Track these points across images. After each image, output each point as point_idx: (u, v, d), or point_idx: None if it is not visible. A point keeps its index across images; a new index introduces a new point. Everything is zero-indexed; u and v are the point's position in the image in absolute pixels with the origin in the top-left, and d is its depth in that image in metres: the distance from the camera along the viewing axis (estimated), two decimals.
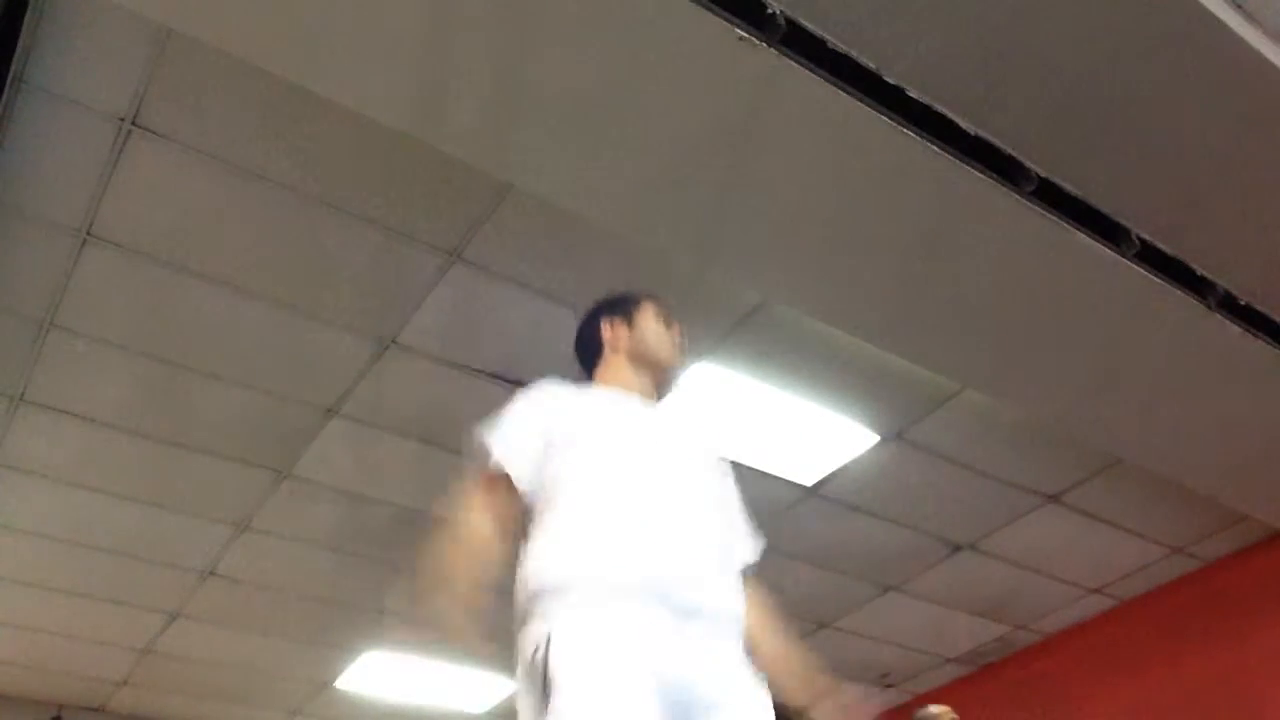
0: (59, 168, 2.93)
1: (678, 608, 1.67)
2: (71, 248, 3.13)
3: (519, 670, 1.65)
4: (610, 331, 2.08)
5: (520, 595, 1.73)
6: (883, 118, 2.60)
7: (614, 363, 2.06)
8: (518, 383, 2.19)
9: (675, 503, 1.81)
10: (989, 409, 3.85)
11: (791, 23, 2.42)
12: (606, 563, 1.69)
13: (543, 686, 1.58)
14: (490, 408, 2.01)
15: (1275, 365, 3.47)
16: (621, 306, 2.11)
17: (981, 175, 2.76)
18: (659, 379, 2.05)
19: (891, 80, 2.57)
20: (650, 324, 2.08)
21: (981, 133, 2.72)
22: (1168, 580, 5.03)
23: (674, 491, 1.83)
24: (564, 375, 2.08)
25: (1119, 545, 4.76)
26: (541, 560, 1.74)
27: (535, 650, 1.62)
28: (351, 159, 2.93)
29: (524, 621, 1.70)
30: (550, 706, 1.55)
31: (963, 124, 2.69)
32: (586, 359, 2.10)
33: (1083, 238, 2.95)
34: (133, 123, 2.80)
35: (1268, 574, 4.70)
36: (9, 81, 2.62)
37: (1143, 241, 3.04)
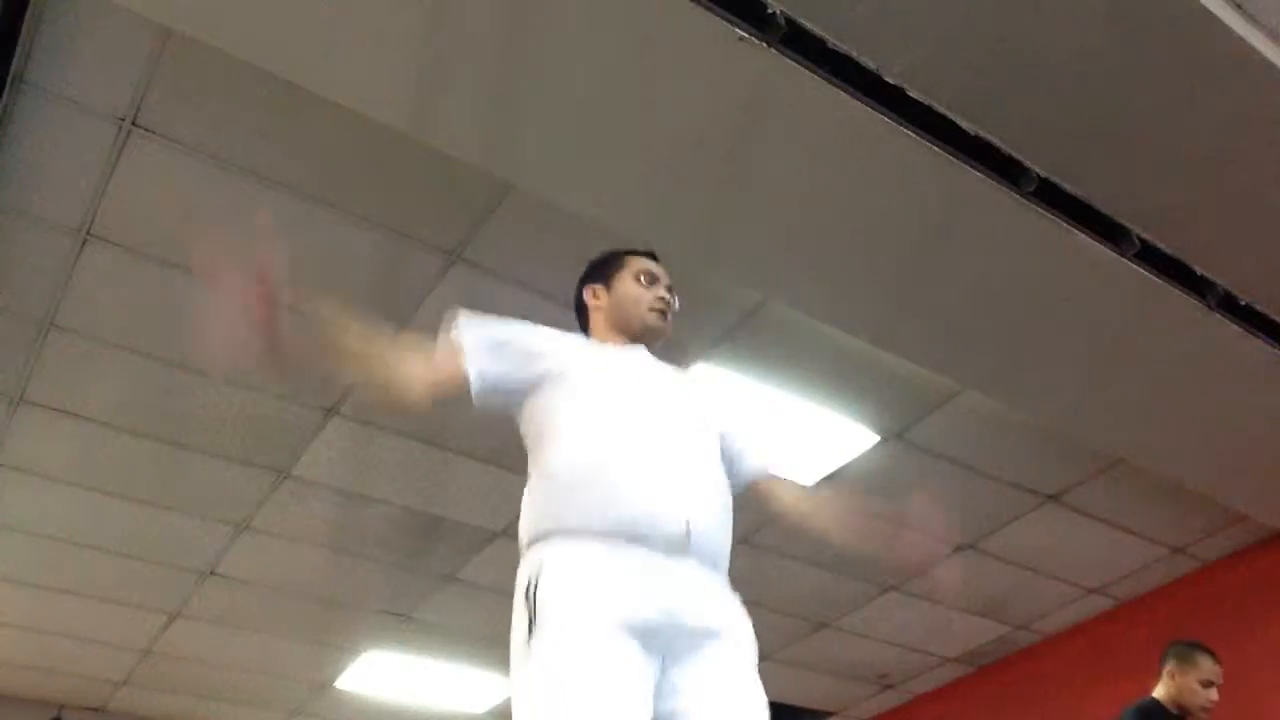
0: (59, 168, 2.93)
1: (668, 543, 1.71)
2: (71, 248, 3.13)
3: (516, 598, 1.72)
4: (591, 297, 2.09)
5: (522, 534, 1.80)
6: (883, 118, 2.60)
7: (598, 324, 2.07)
8: None
9: (664, 442, 1.84)
10: (989, 409, 3.85)
11: (791, 23, 2.42)
12: (598, 503, 1.73)
13: (530, 618, 1.65)
14: None
15: (1275, 365, 3.47)
16: (602, 269, 2.11)
17: (981, 175, 2.76)
18: (642, 339, 2.04)
19: (891, 80, 2.57)
20: (627, 287, 2.05)
21: (981, 133, 2.72)
22: (1168, 580, 5.03)
23: (662, 431, 1.86)
24: None
25: (1119, 545, 4.77)
26: (539, 502, 1.80)
27: (529, 583, 1.69)
28: (351, 159, 2.93)
29: (524, 553, 1.77)
30: (534, 639, 1.63)
31: (963, 124, 2.69)
32: (580, 323, 2.12)
33: (1083, 238, 2.96)
34: (133, 123, 2.80)
35: (1268, 574, 4.70)
36: (9, 81, 2.63)
37: (1143, 241, 3.04)
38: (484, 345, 1.89)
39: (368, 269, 3.29)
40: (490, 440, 3.86)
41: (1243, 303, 3.30)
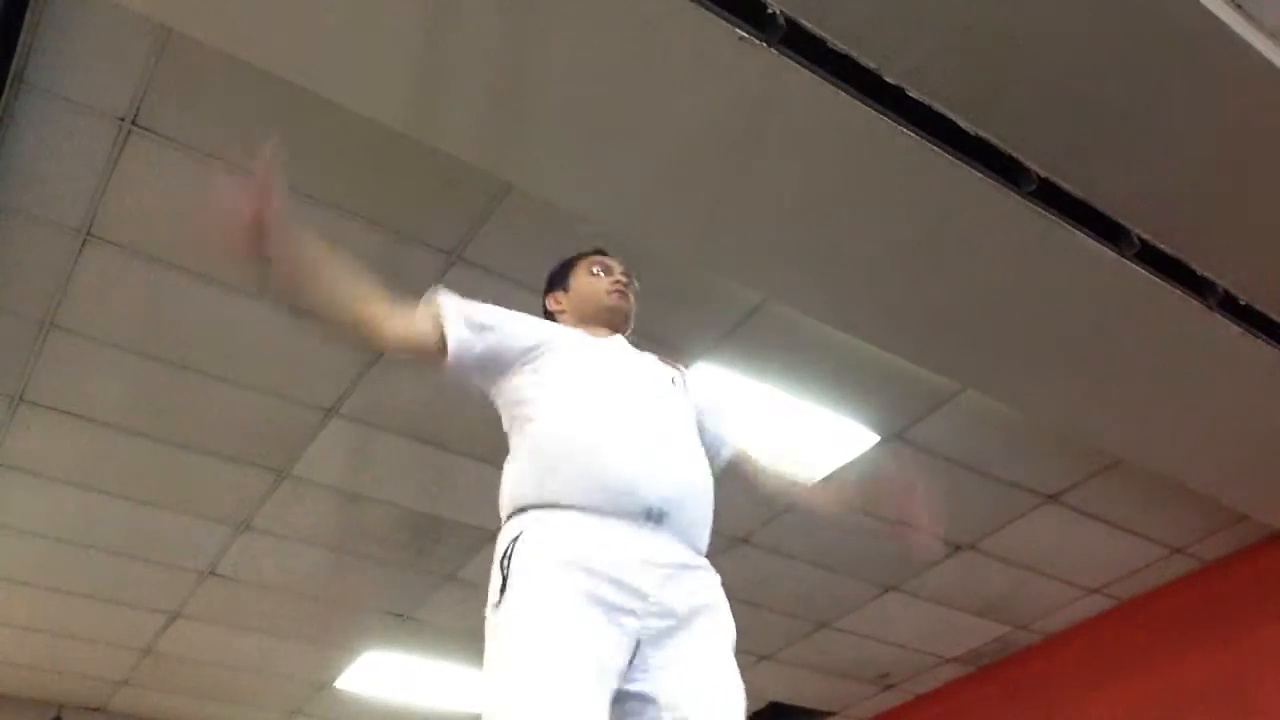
0: (59, 168, 2.93)
1: (646, 515, 1.72)
2: (71, 248, 3.13)
3: (493, 562, 1.73)
4: (554, 304, 2.13)
5: (502, 506, 1.82)
6: (883, 118, 2.60)
7: (569, 325, 2.09)
8: None
9: (643, 417, 1.85)
10: (989, 409, 3.85)
11: (791, 23, 2.42)
12: (577, 475, 1.74)
13: (503, 583, 1.67)
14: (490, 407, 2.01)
15: (1275, 365, 3.47)
16: (557, 277, 2.16)
17: (981, 175, 2.76)
18: (610, 324, 2.06)
19: (891, 80, 2.57)
20: (582, 282, 2.10)
21: (981, 133, 2.72)
22: (1168, 580, 5.03)
23: (642, 407, 1.88)
24: None
25: (1119, 545, 4.76)
26: (518, 475, 1.82)
27: (505, 548, 1.71)
28: (351, 159, 2.93)
29: (504, 522, 1.79)
30: (503, 601, 1.65)
31: (963, 124, 2.69)
32: None
33: (1083, 238, 2.95)
34: (133, 123, 2.80)
35: (1268, 574, 4.70)
36: (9, 81, 2.63)
37: (1143, 241, 3.04)
38: (466, 320, 1.92)
39: (368, 269, 3.28)
40: (490, 440, 3.82)
41: (1243, 303, 3.30)
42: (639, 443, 1.80)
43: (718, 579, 1.82)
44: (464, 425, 3.80)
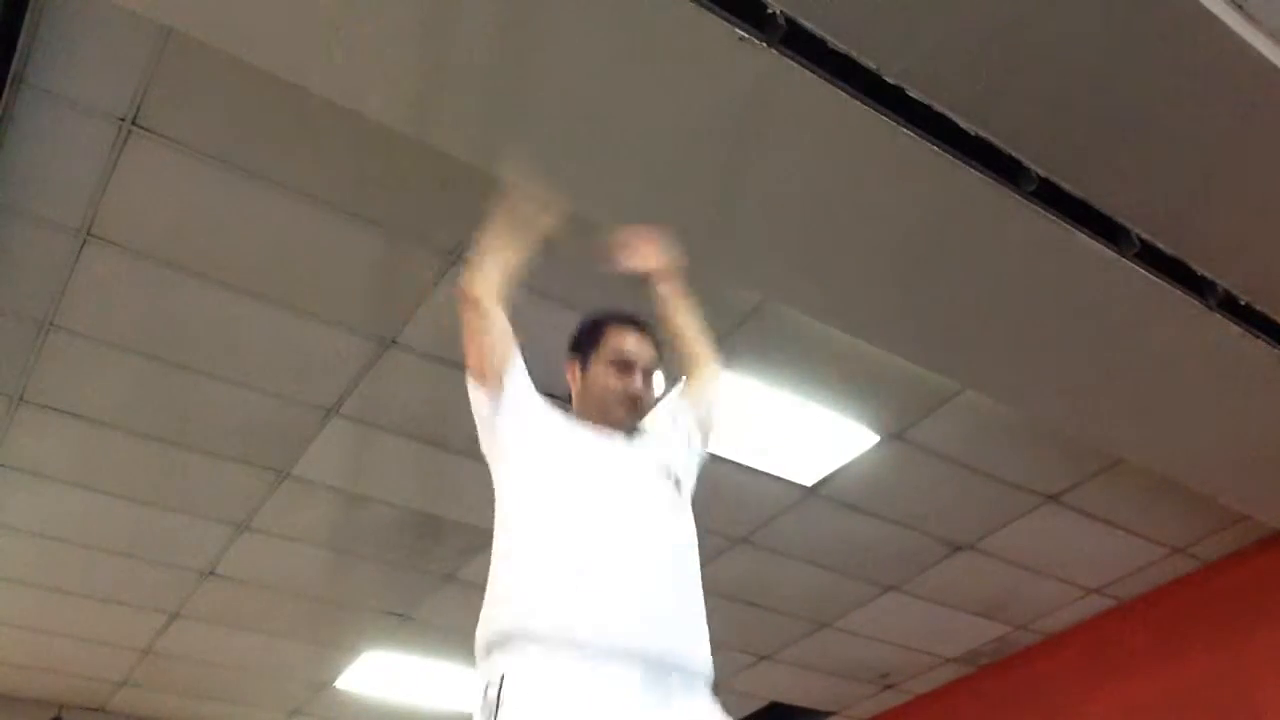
0: (59, 168, 2.93)
1: (647, 665, 1.63)
2: (71, 248, 3.13)
3: (475, 703, 1.64)
4: (569, 375, 2.05)
5: (482, 631, 1.70)
6: (883, 118, 2.60)
7: (576, 402, 2.03)
8: None
9: (642, 554, 1.75)
10: (989, 409, 3.85)
11: (791, 23, 2.42)
12: (571, 611, 1.64)
13: None
14: None
15: (1275, 365, 3.47)
16: (582, 345, 2.05)
17: (981, 175, 2.76)
18: (614, 426, 1.96)
19: (891, 80, 2.57)
20: (598, 374, 1.99)
21: (981, 133, 2.72)
22: (1168, 580, 5.03)
23: (640, 537, 1.77)
24: (562, 375, 2.09)
25: (1119, 545, 4.76)
26: (505, 602, 1.71)
27: (488, 687, 1.61)
28: (351, 159, 2.93)
29: (485, 655, 1.68)
30: None
31: (963, 124, 2.69)
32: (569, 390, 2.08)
33: (1083, 238, 2.95)
34: (133, 123, 2.80)
35: (1268, 574, 4.70)
36: (9, 81, 2.63)
37: (1143, 241, 3.04)
38: (524, 377, 1.90)
39: (368, 269, 3.29)
40: None
41: (1243, 303, 3.30)
42: (640, 583, 1.70)
43: (719, 710, 1.74)
44: (464, 425, 3.75)
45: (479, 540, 4.50)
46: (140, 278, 3.25)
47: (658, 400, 2.05)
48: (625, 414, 1.96)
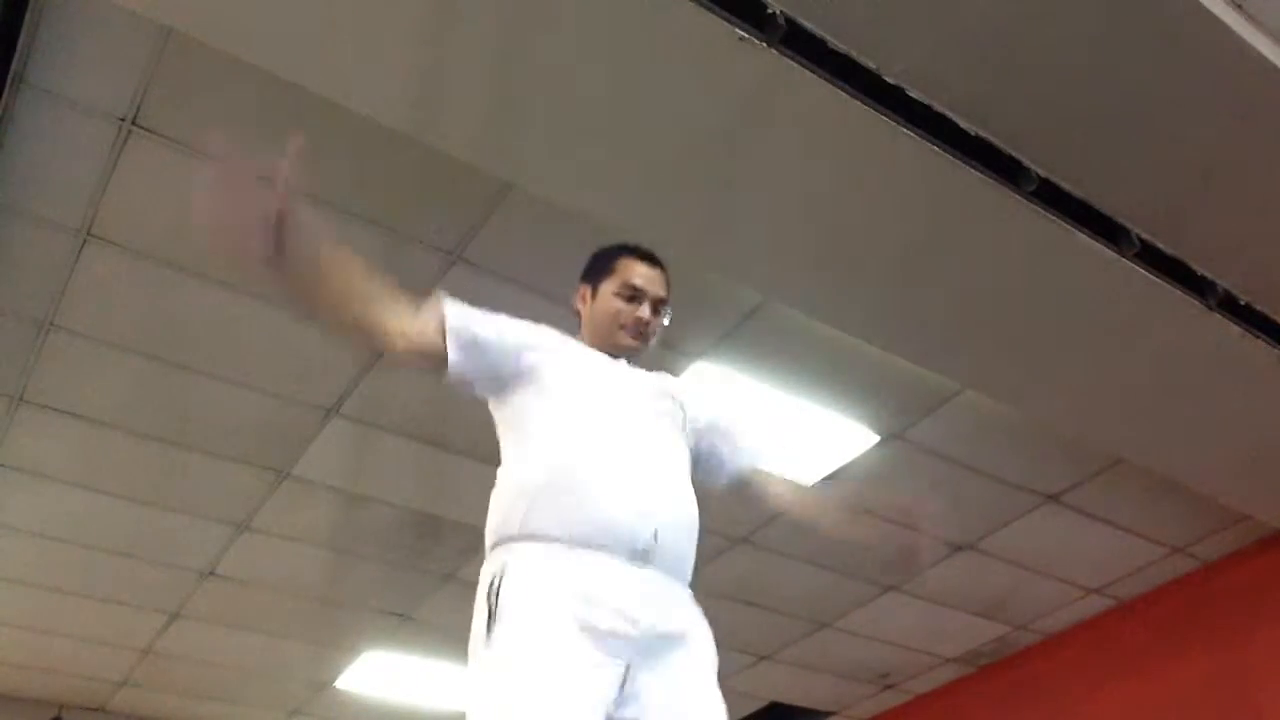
0: (59, 168, 2.93)
1: (632, 553, 1.74)
2: (71, 248, 3.13)
3: (478, 595, 1.75)
4: (579, 299, 2.08)
5: (488, 533, 1.83)
6: (883, 118, 2.60)
7: (584, 328, 2.06)
8: None
9: (634, 453, 1.85)
10: (989, 409, 3.85)
11: (791, 23, 2.42)
12: (565, 510, 1.75)
13: (490, 616, 1.68)
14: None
15: (1275, 365, 3.47)
16: (594, 270, 2.08)
17: (981, 175, 2.76)
18: (618, 352, 2.01)
19: (891, 80, 2.57)
20: (607, 300, 2.02)
21: (981, 133, 2.72)
22: (1168, 580, 5.03)
23: (633, 442, 1.87)
24: None
25: (1119, 545, 4.76)
26: (506, 504, 1.82)
27: (491, 580, 1.73)
28: (351, 159, 2.93)
29: (489, 553, 1.81)
30: (491, 634, 1.67)
31: (963, 124, 2.69)
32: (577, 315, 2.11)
33: (1083, 238, 2.95)
34: (133, 123, 2.80)
35: (1268, 574, 4.70)
36: (9, 81, 2.63)
37: (1143, 241, 3.04)
38: (466, 334, 1.89)
39: (374, 269, 3.28)
40: (490, 440, 3.83)
41: (1243, 303, 3.30)
42: (628, 481, 1.80)
43: (699, 610, 1.85)
44: (464, 425, 3.80)
45: (479, 540, 4.50)
46: (140, 278, 3.25)
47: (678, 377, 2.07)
48: (629, 339, 2.01)
